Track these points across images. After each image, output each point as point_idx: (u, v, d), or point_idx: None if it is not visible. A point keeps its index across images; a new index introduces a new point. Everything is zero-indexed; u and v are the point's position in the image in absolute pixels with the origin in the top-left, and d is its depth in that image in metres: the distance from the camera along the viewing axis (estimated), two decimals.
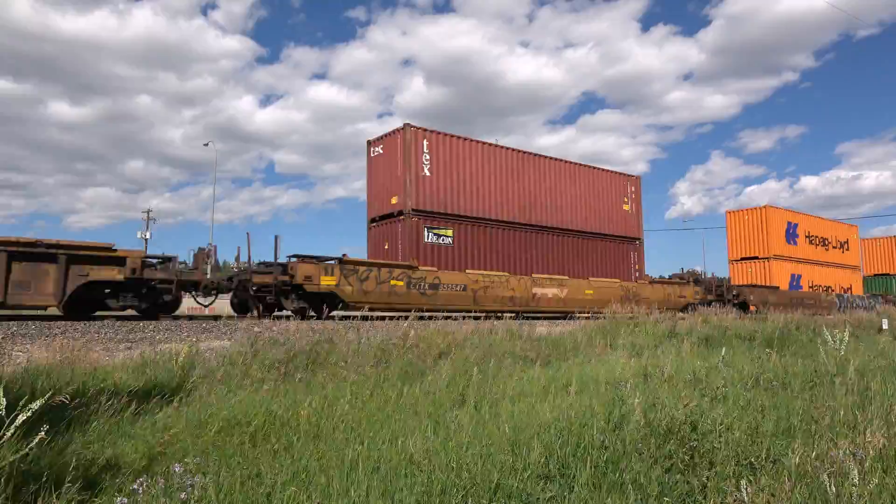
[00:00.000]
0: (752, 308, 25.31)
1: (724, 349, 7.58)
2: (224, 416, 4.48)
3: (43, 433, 2.96)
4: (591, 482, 3.32)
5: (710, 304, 21.63)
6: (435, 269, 17.32)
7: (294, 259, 14.64)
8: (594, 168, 23.37)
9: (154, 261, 12.89)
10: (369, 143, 19.46)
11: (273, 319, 9.90)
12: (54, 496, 2.82)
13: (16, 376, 5.40)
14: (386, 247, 18.07)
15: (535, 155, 21.31)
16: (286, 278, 14.05)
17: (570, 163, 22.46)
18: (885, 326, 15.81)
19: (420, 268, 16.90)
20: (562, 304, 19.89)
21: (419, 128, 18.02)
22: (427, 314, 12.81)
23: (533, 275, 19.65)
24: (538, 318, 17.84)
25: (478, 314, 15.32)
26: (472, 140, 19.46)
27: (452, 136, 18.91)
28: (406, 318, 9.92)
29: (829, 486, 2.93)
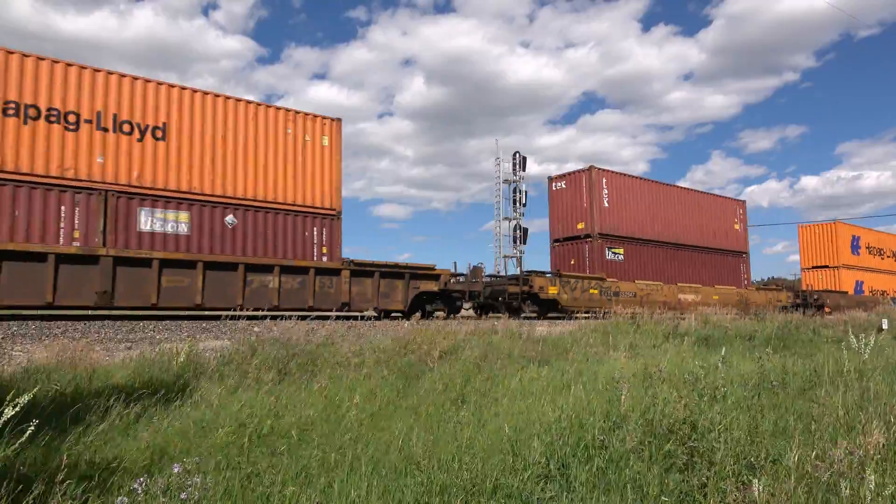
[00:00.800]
0: (827, 309, 29.30)
1: (724, 349, 7.58)
2: (223, 416, 4.48)
3: (32, 428, 2.96)
4: (591, 482, 3.32)
5: (797, 307, 26.79)
6: (616, 280, 22.54)
7: (530, 273, 19.98)
8: (712, 194, 28.63)
9: (454, 276, 17.88)
10: (551, 179, 25.00)
11: (273, 320, 9.91)
12: (56, 496, 2.82)
13: (15, 376, 5.41)
14: (572, 262, 23.37)
15: (671, 185, 26.54)
16: (527, 288, 19.35)
17: (696, 191, 27.81)
18: (885, 326, 15.81)
19: (607, 279, 22.08)
20: (698, 306, 23.19)
21: (602, 169, 23.35)
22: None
23: (678, 284, 24.93)
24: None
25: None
26: (633, 177, 25.00)
27: (622, 174, 24.43)
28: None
29: (843, 489, 2.93)
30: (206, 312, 13.38)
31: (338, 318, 13.47)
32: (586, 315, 18.89)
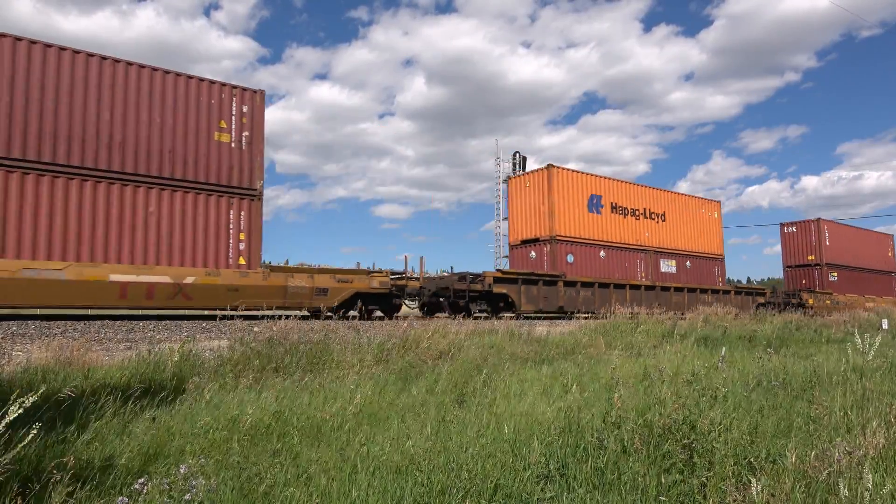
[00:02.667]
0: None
1: (724, 349, 7.59)
2: (220, 416, 4.48)
3: (35, 430, 2.96)
4: (591, 482, 3.32)
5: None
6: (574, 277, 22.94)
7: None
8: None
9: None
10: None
11: (273, 319, 9.90)
12: (53, 495, 2.81)
13: (15, 376, 5.41)
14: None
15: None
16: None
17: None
18: (884, 326, 15.82)
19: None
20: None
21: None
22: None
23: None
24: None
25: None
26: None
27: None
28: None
29: (843, 489, 2.93)
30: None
31: (338, 317, 13.47)
32: (586, 315, 18.83)
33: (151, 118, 13.21)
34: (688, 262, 26.67)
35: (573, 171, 22.53)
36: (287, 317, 8.64)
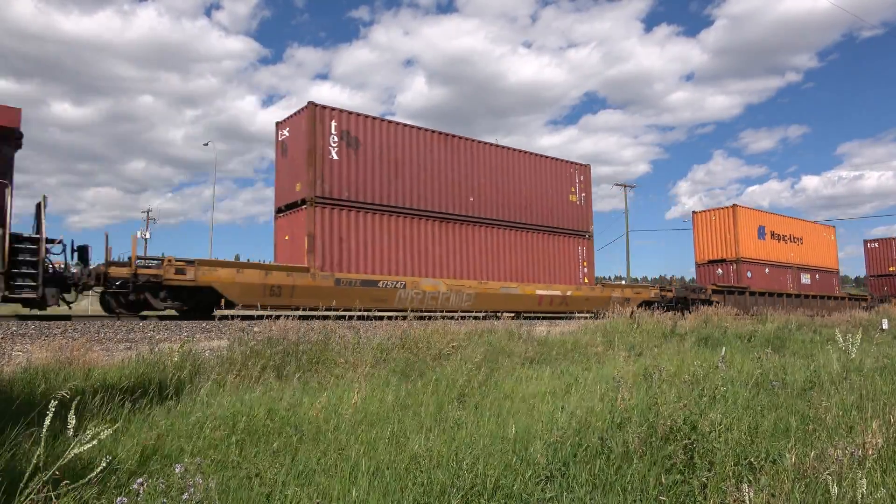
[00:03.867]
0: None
1: (724, 349, 7.58)
2: (220, 415, 4.48)
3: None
4: (591, 483, 3.32)
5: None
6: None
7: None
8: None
9: None
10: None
11: (273, 319, 9.91)
12: (52, 495, 2.81)
13: (15, 376, 5.41)
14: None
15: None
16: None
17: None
18: (884, 326, 15.81)
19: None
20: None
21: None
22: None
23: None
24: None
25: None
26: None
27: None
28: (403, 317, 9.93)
29: (832, 486, 2.93)
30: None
31: (337, 317, 13.47)
32: (585, 315, 18.82)
33: (534, 187, 20.25)
34: (817, 275, 33.14)
35: (749, 208, 29.62)
36: (288, 317, 8.64)
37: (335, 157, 15.46)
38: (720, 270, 27.74)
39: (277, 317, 8.73)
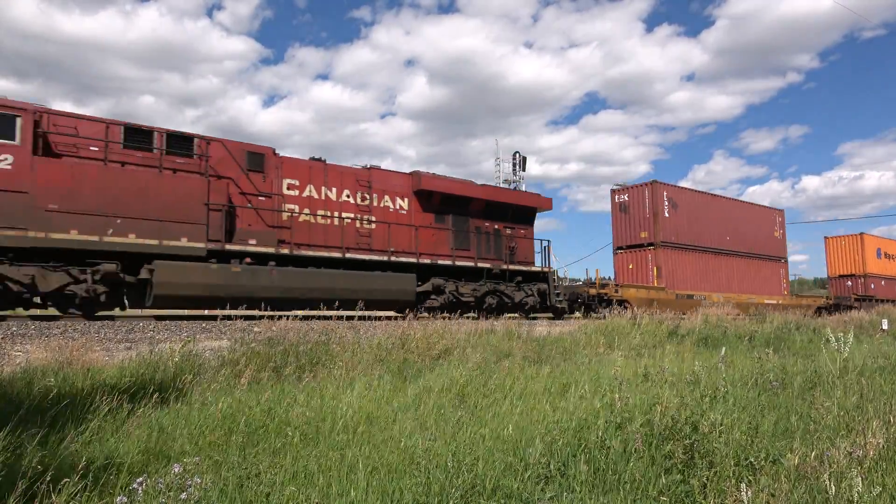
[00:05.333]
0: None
1: (724, 349, 7.57)
2: (220, 416, 4.47)
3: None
4: (591, 482, 3.31)
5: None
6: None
7: None
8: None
9: None
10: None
11: (273, 320, 9.91)
12: (53, 495, 2.81)
13: (15, 377, 5.40)
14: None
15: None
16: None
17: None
18: (885, 327, 15.80)
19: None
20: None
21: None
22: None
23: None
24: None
25: None
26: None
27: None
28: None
29: (830, 486, 2.93)
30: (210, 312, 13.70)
31: (337, 317, 13.46)
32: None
33: (756, 227, 27.69)
34: None
35: (873, 235, 36.10)
36: (288, 317, 8.65)
37: (667, 214, 23.18)
38: (850, 283, 34.22)
39: (280, 317, 8.74)
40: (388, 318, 16.08)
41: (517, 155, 37.92)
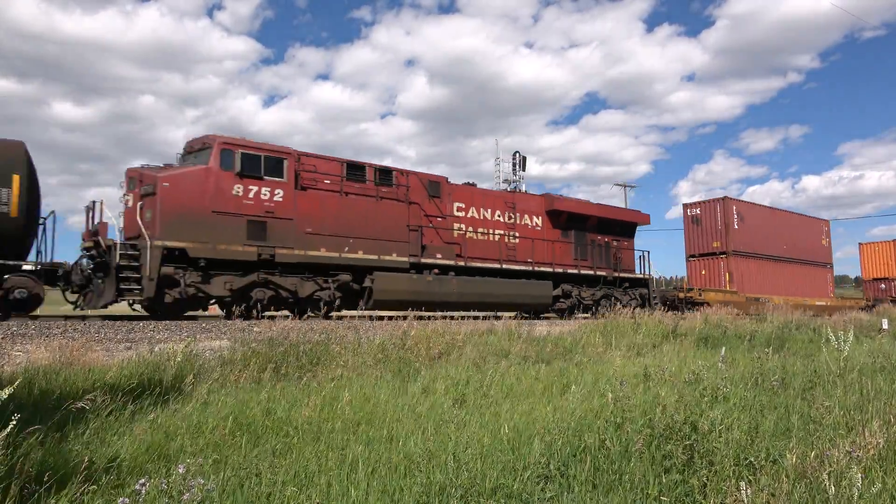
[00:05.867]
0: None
1: (724, 349, 7.58)
2: (220, 416, 4.48)
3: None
4: (591, 482, 3.32)
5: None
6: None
7: None
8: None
9: None
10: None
11: (273, 320, 9.92)
12: (54, 496, 2.81)
13: (15, 377, 5.40)
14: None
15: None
16: None
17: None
18: (885, 326, 15.80)
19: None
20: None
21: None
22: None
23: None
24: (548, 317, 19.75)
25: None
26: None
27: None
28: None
29: (829, 485, 2.93)
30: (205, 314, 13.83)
31: (338, 317, 13.47)
32: (585, 316, 18.81)
33: (806, 236, 30.65)
34: None
35: None
36: (288, 317, 8.65)
37: (736, 227, 26.10)
38: (883, 285, 36.21)
39: (285, 317, 8.75)
40: (389, 318, 16.08)
41: (517, 155, 37.96)
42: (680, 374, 6.66)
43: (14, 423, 2.91)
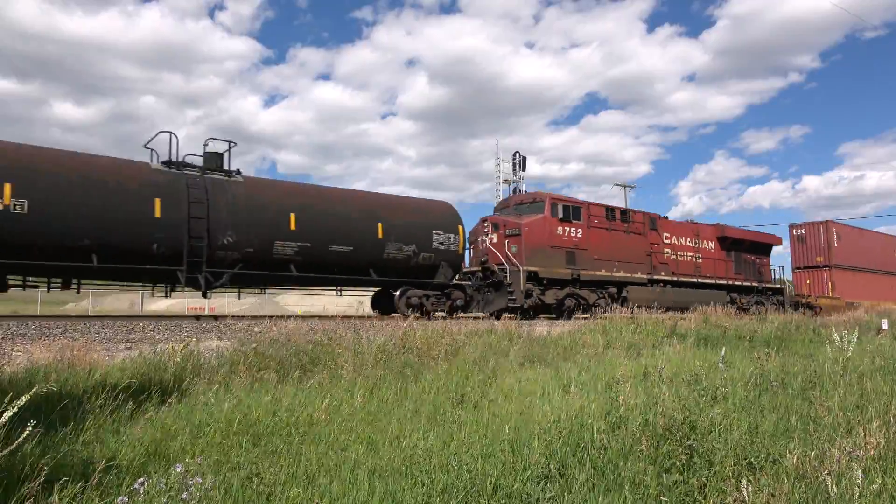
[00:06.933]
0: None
1: (724, 349, 7.58)
2: (221, 416, 4.48)
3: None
4: (591, 482, 3.32)
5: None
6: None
7: None
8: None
9: None
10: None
11: (274, 320, 9.91)
12: (54, 495, 2.81)
13: (16, 377, 5.41)
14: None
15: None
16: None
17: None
18: (884, 326, 15.80)
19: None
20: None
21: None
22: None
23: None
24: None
25: None
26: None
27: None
28: None
29: (831, 486, 2.93)
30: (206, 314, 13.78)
31: (342, 317, 13.47)
32: (585, 316, 18.96)
33: (883, 250, 35.91)
34: None
35: None
36: (288, 317, 8.65)
37: (836, 245, 31.15)
38: None
39: (277, 317, 8.74)
40: (389, 318, 16.09)
41: (517, 155, 38.07)
42: (679, 374, 6.66)
43: (11, 420, 2.90)
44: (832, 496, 2.91)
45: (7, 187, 9.84)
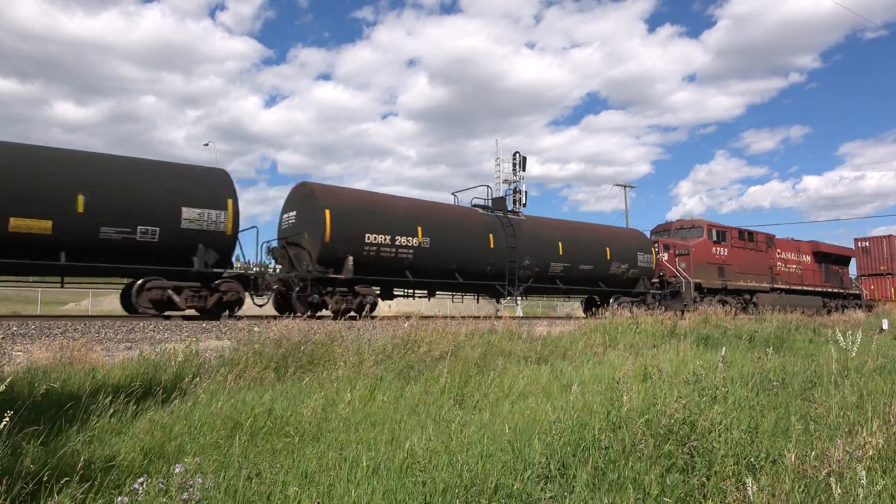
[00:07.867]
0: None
1: (724, 349, 7.58)
2: (223, 416, 4.48)
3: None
4: (591, 482, 3.32)
5: None
6: None
7: None
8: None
9: None
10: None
11: (274, 320, 9.91)
12: (54, 495, 2.81)
13: (16, 377, 5.41)
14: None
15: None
16: None
17: None
18: (884, 326, 15.80)
19: None
20: None
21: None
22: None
23: None
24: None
25: None
26: None
27: None
28: None
29: (835, 486, 2.93)
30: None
31: (338, 318, 13.47)
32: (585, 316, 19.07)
33: None
34: None
35: None
36: (288, 317, 8.65)
37: None
38: None
39: (277, 317, 8.74)
40: (389, 318, 16.09)
41: (517, 155, 37.93)
42: (679, 374, 6.66)
43: (7, 420, 2.90)
44: (836, 496, 2.91)
45: (419, 229, 15.12)
